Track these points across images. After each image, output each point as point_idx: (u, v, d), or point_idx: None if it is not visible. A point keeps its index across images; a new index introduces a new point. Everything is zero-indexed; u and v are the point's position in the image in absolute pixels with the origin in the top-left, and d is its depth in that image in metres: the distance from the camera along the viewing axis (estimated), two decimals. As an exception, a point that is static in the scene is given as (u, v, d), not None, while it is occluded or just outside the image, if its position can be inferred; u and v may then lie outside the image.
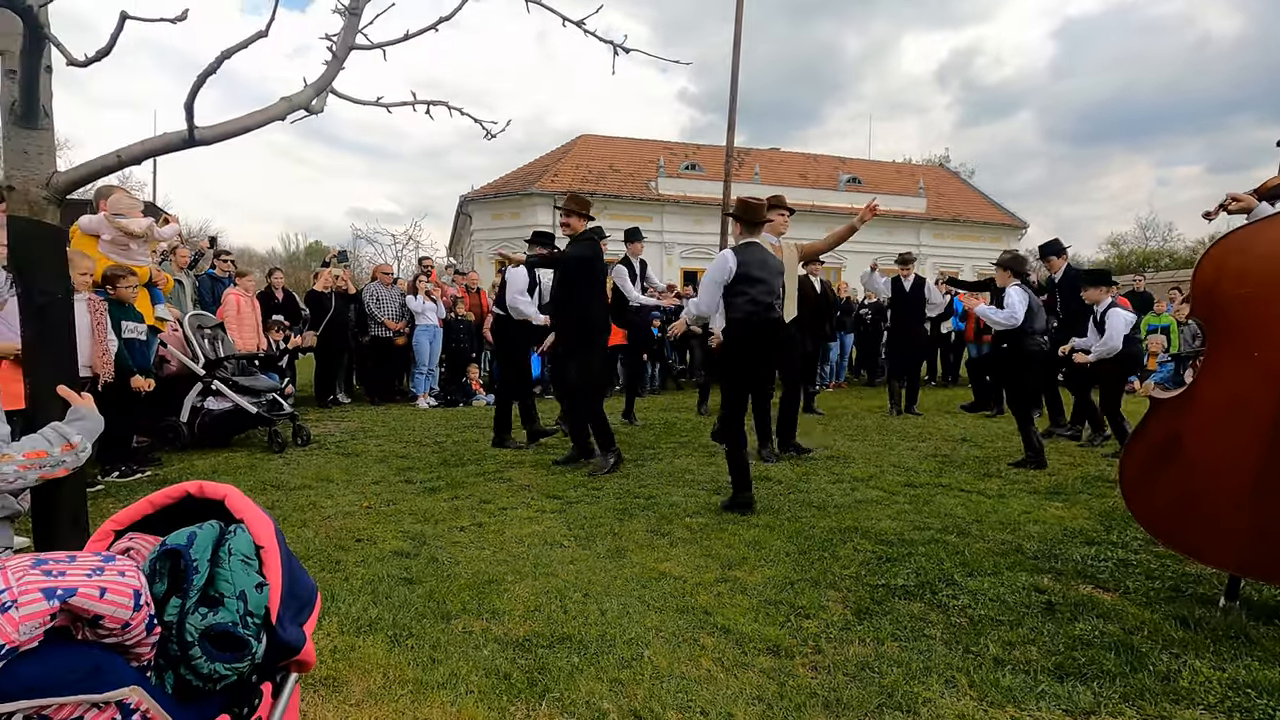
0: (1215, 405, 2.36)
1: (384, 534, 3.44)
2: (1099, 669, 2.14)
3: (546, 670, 2.11)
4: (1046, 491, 4.43)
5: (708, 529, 3.57)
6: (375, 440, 6.13)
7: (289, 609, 1.08)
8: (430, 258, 10.48)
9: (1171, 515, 2.50)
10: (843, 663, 2.19)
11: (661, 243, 22.24)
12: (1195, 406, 2.40)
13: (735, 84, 13.24)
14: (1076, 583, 2.85)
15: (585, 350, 5.00)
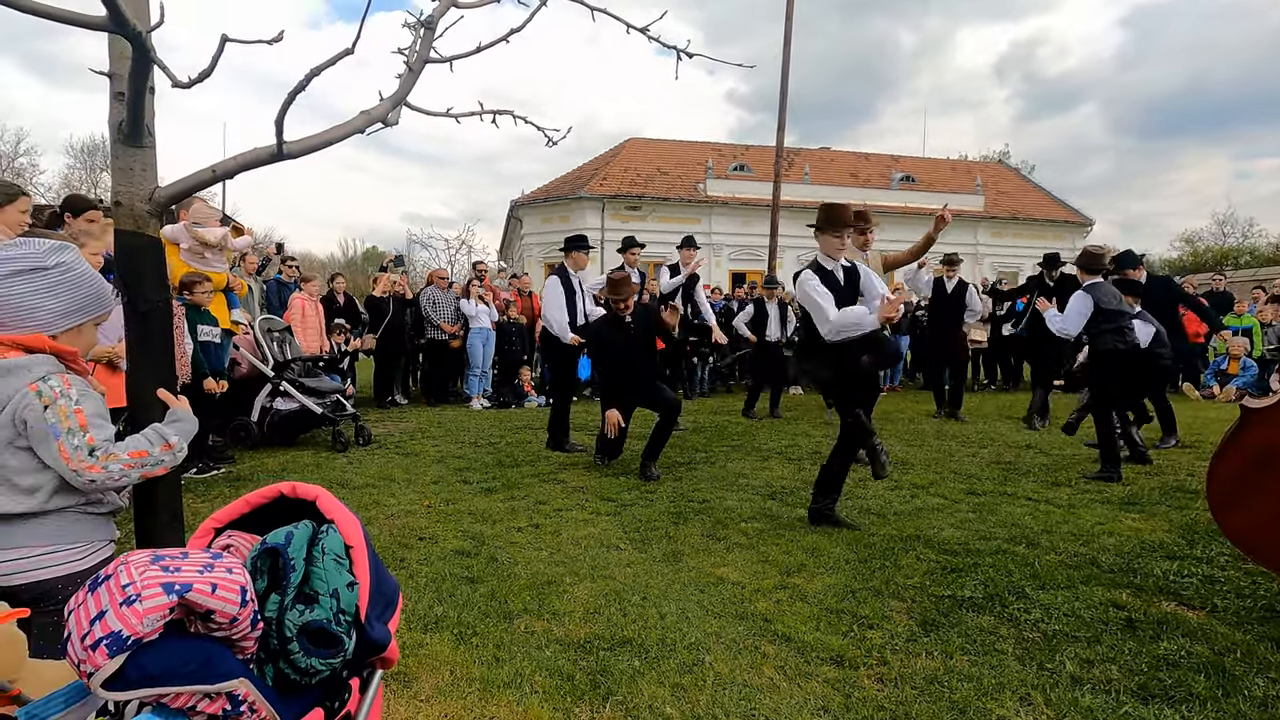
0: (1316, 414, 2.22)
1: (445, 533, 3.52)
2: (1187, 691, 2.03)
3: (608, 673, 2.12)
4: (1121, 502, 4.24)
5: (764, 534, 3.53)
6: (432, 441, 6.28)
7: (376, 607, 1.12)
8: (483, 261, 10.69)
9: (1267, 530, 2.36)
10: (910, 676, 2.13)
11: (710, 244, 22.15)
12: (1295, 415, 2.26)
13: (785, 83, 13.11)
14: (1158, 599, 2.72)
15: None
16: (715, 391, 10.70)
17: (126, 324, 1.56)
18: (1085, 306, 4.93)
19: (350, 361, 8.57)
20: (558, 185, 23.94)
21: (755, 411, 8.10)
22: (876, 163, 27.50)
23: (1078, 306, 4.95)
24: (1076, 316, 4.94)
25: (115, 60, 1.44)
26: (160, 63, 1.32)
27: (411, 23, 1.93)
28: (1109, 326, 4.91)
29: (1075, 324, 4.94)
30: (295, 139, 1.58)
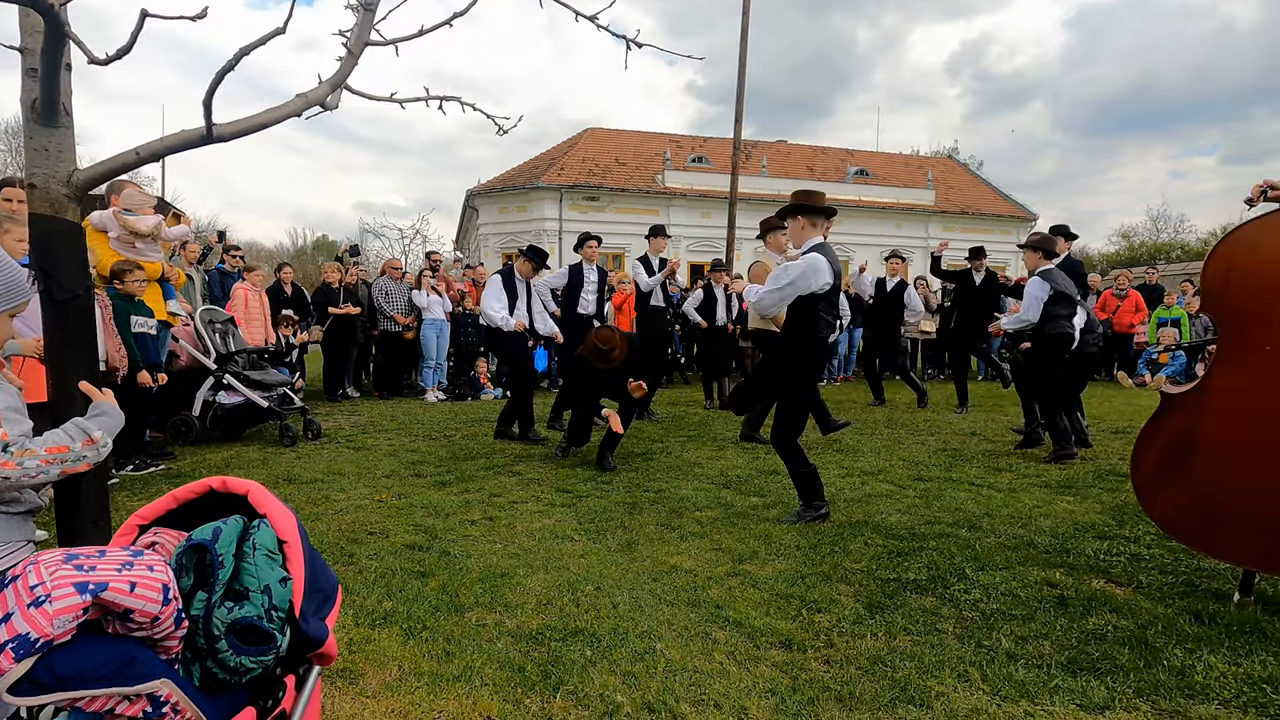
0: (1230, 400, 2.35)
1: (396, 527, 3.46)
2: (1113, 664, 2.13)
3: (560, 663, 2.12)
4: (1058, 485, 4.42)
5: (717, 522, 3.58)
6: (385, 434, 6.16)
7: (311, 602, 1.10)
8: (438, 252, 10.50)
9: (1187, 511, 2.49)
10: (855, 656, 2.19)
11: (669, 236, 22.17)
12: (1209, 402, 2.39)
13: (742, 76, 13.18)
14: (1089, 577, 2.85)
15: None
16: (673, 383, 10.75)
17: (44, 314, 1.48)
18: (1043, 291, 5.06)
19: (299, 354, 8.33)
20: (515, 174, 23.63)
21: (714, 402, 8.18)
22: (832, 156, 27.92)
23: (1036, 292, 5.08)
24: (1035, 303, 5.06)
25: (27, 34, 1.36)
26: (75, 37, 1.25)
27: (352, 4, 1.87)
28: (1063, 311, 5.05)
29: (1035, 310, 5.06)
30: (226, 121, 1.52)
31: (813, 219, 3.60)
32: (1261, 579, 2.63)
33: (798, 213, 3.61)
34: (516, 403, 5.93)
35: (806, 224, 3.61)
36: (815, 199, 3.63)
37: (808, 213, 3.59)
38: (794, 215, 3.63)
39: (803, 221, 3.61)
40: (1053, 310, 5.01)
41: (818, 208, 3.60)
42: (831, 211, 3.68)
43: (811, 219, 3.60)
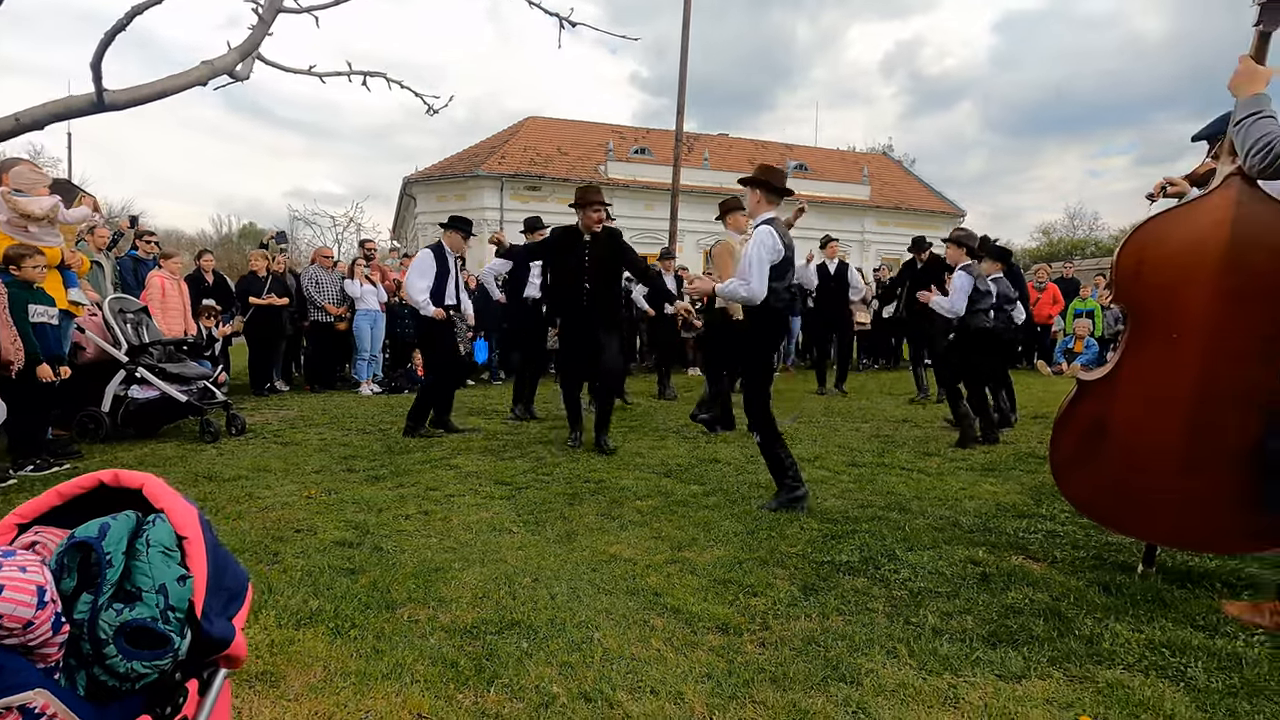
0: (1139, 387, 2.49)
1: (325, 524, 3.33)
2: (1029, 635, 2.24)
3: (495, 656, 2.08)
4: (982, 468, 4.62)
5: (657, 511, 3.58)
6: (316, 429, 5.93)
7: (216, 601, 1.03)
8: (372, 240, 10.15)
9: (1099, 492, 2.63)
10: (789, 638, 2.23)
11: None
12: (1119, 388, 2.52)
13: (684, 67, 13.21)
14: (1009, 554, 2.98)
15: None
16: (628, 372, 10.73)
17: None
18: (968, 284, 5.29)
19: (223, 346, 7.92)
20: (454, 162, 23.08)
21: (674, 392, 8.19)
22: (773, 150, 28.37)
23: (962, 284, 5.29)
24: (961, 294, 5.28)
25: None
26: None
27: (265, -32, 1.76)
28: (982, 306, 5.30)
29: (961, 301, 5.27)
30: (121, 88, 1.40)
31: (770, 195, 3.74)
32: (1162, 551, 2.81)
33: (758, 185, 3.74)
34: (432, 393, 5.74)
35: (763, 198, 3.74)
36: (776, 177, 3.77)
37: (766, 188, 3.73)
38: (754, 187, 3.76)
39: (759, 195, 3.74)
40: (974, 305, 5.24)
41: (776, 186, 3.73)
42: (789, 192, 3.82)
43: (769, 195, 3.74)
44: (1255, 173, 2.18)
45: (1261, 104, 2.20)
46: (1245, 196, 2.23)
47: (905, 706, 1.85)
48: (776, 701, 1.87)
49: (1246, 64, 2.27)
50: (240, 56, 1.57)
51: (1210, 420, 2.37)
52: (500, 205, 21.46)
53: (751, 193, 3.77)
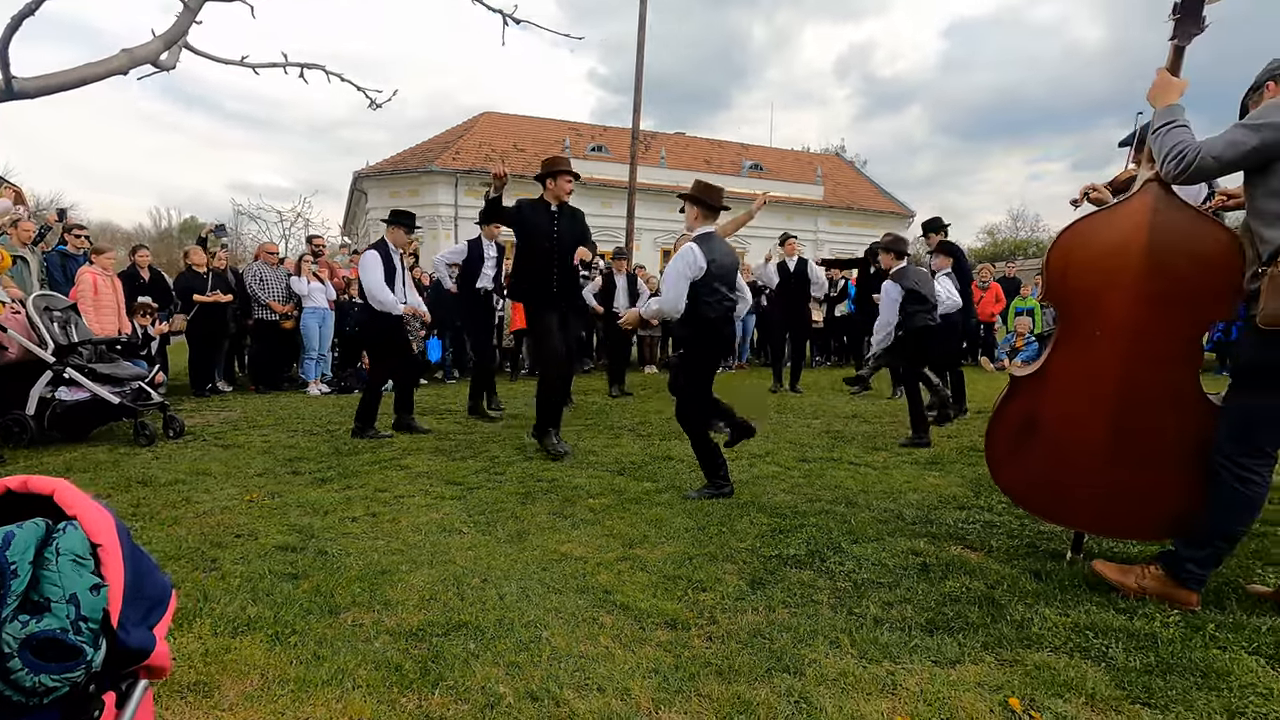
0: (1066, 382, 2.60)
1: (267, 528, 3.23)
2: (964, 621, 2.32)
3: (441, 658, 2.06)
4: (926, 462, 4.76)
5: (610, 509, 3.59)
6: (260, 430, 5.75)
7: (135, 610, 0.99)
8: (320, 236, 9.88)
9: (1031, 484, 2.74)
10: (736, 631, 2.26)
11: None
12: (1049, 384, 2.64)
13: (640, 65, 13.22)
14: (948, 544, 3.08)
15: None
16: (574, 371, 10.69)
17: None
18: (897, 293, 5.43)
19: (160, 345, 7.61)
20: (407, 157, 22.63)
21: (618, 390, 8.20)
22: (728, 150, 28.63)
23: (891, 294, 5.44)
24: (891, 304, 5.42)
25: None
26: None
27: (193, -46, 1.69)
28: (918, 307, 5.45)
29: (893, 312, 5.42)
30: (33, 75, 1.34)
31: (706, 211, 3.88)
32: (1089, 538, 2.95)
33: (695, 202, 3.89)
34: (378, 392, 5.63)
35: (700, 214, 3.89)
36: (712, 195, 3.90)
37: (703, 205, 3.87)
38: (692, 204, 3.91)
39: (697, 211, 3.89)
40: (910, 308, 5.40)
41: (710, 203, 3.87)
42: (724, 208, 3.97)
43: (705, 211, 3.88)
44: (1170, 179, 2.30)
45: (1176, 114, 2.33)
46: (1162, 202, 2.36)
47: (845, 695, 1.90)
48: (721, 694, 1.90)
49: (1163, 76, 2.40)
50: (164, 46, 1.51)
51: (1133, 417, 2.50)
52: (455, 201, 21.13)
53: (690, 208, 3.91)
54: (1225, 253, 2.29)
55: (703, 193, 3.89)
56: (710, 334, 3.86)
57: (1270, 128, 2.14)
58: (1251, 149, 2.16)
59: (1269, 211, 2.19)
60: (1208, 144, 2.22)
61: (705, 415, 3.95)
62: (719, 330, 3.87)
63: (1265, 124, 2.15)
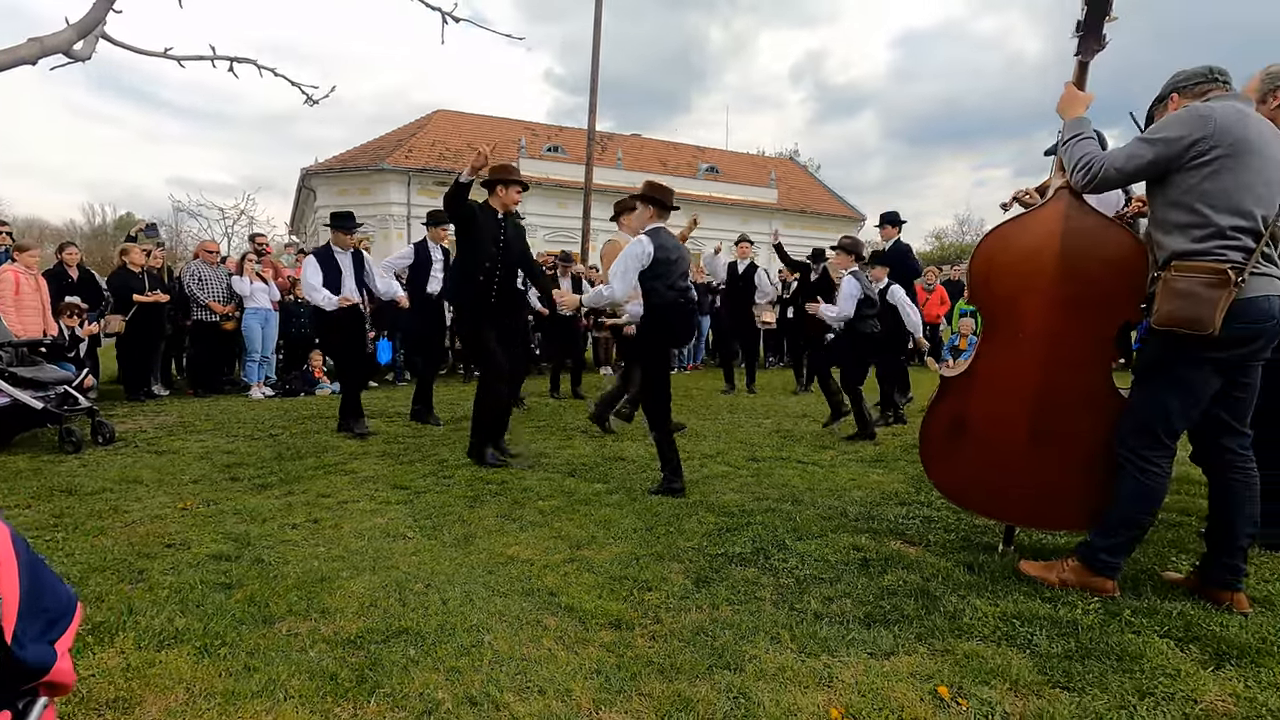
0: (991, 382, 2.71)
1: (201, 537, 3.12)
2: (900, 614, 2.39)
3: (378, 666, 2.02)
4: (871, 460, 4.88)
5: (559, 510, 3.58)
6: (197, 436, 5.54)
7: (33, 625, 0.94)
8: (264, 235, 9.58)
9: (963, 480, 2.84)
10: (680, 630, 2.28)
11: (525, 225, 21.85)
12: (976, 384, 2.74)
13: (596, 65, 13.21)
14: (889, 540, 3.17)
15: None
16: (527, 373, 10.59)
17: None
18: (856, 290, 5.56)
19: (90, 347, 7.26)
20: (358, 155, 22.11)
21: (561, 392, 8.18)
22: (684, 152, 28.83)
23: (850, 290, 5.55)
24: (850, 300, 5.53)
25: None
26: None
27: (110, -60, 1.63)
28: (869, 312, 5.60)
29: (851, 306, 5.53)
30: (-72, 62, 1.27)
31: (659, 210, 4.07)
32: (1020, 531, 3.07)
33: (649, 201, 4.09)
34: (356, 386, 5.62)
35: (653, 213, 4.08)
36: (664, 194, 4.10)
37: (656, 204, 4.07)
38: (645, 203, 4.11)
39: (651, 211, 4.08)
40: (860, 311, 5.53)
41: (663, 203, 4.06)
42: (674, 208, 4.14)
43: (658, 210, 4.07)
44: (1079, 188, 2.42)
45: (1083, 126, 2.45)
46: (1073, 209, 2.48)
47: (783, 689, 1.94)
48: (662, 692, 1.92)
49: (1070, 90, 2.52)
50: (78, 35, 1.45)
51: (1053, 414, 2.62)
52: (407, 200, 20.75)
53: (644, 208, 4.10)
54: (1131, 257, 2.42)
55: (655, 192, 4.08)
56: (659, 321, 3.99)
57: (1164, 142, 2.27)
58: (1148, 162, 2.29)
59: (1166, 220, 2.32)
60: (1111, 156, 2.35)
61: (667, 408, 4.06)
62: (667, 317, 4.00)
63: (1160, 138, 2.28)
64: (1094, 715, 1.80)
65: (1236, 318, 2.23)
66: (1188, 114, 2.27)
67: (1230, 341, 2.26)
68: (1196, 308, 2.21)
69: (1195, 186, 2.24)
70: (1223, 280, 2.19)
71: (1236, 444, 2.45)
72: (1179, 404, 2.37)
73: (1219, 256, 2.22)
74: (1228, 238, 2.22)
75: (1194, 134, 2.23)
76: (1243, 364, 2.35)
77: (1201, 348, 2.27)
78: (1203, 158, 2.22)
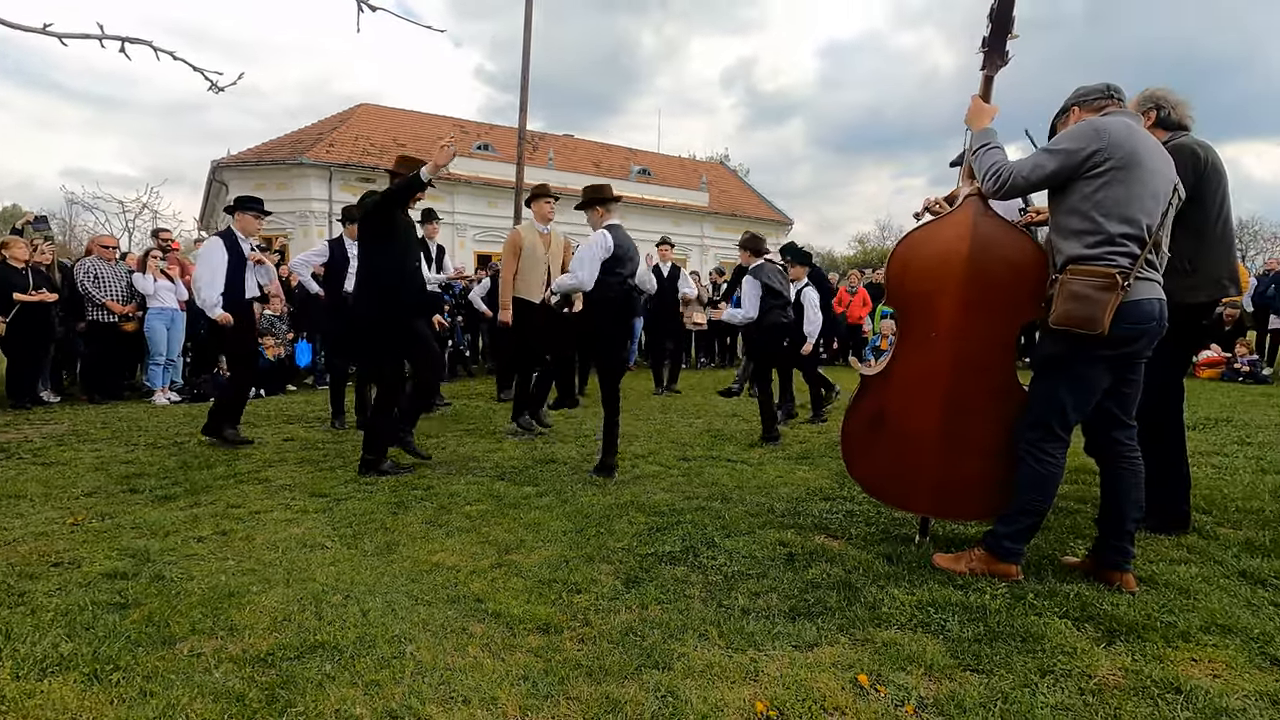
0: (907, 380, 2.83)
1: (93, 554, 2.89)
2: (823, 606, 2.46)
3: (291, 683, 1.92)
4: (798, 457, 5.01)
5: (487, 515, 3.51)
6: (91, 445, 5.14)
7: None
8: (169, 230, 8.99)
9: (881, 474, 2.96)
10: (609, 631, 2.27)
11: (454, 224, 21.39)
12: (893, 381, 2.86)
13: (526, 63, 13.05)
14: (814, 534, 3.25)
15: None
16: (457, 376, 10.36)
17: None
18: (756, 289, 5.67)
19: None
20: (275, 147, 21.06)
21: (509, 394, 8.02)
22: (617, 153, 28.86)
23: (750, 290, 5.68)
24: (752, 300, 5.66)
25: None
26: None
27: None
28: (776, 303, 5.72)
29: (753, 306, 5.66)
30: None
31: (606, 206, 4.47)
32: (935, 522, 3.21)
33: (596, 204, 4.46)
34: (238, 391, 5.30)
35: (603, 211, 4.47)
36: (605, 191, 4.52)
37: (602, 202, 4.47)
38: (593, 206, 4.47)
39: (600, 210, 4.47)
40: (767, 303, 5.67)
41: (608, 198, 4.49)
42: (616, 199, 4.54)
43: (606, 206, 4.47)
44: (989, 194, 2.57)
45: (990, 136, 2.60)
46: (980, 215, 2.62)
47: (711, 685, 1.96)
48: (590, 695, 1.90)
49: (977, 103, 2.67)
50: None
51: (961, 411, 2.75)
52: (329, 197, 19.89)
53: (592, 211, 4.47)
54: (1032, 261, 2.58)
55: (596, 192, 4.47)
56: (613, 313, 4.34)
57: (1065, 153, 2.43)
58: (1051, 171, 2.45)
59: (1065, 227, 2.49)
60: (1018, 165, 2.50)
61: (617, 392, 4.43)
62: (618, 309, 4.35)
63: (1061, 149, 2.44)
64: (1000, 695, 1.90)
65: (1124, 318, 2.40)
66: (1086, 127, 2.44)
67: (1119, 340, 2.43)
68: (1089, 309, 2.37)
69: (1090, 195, 2.41)
70: (1112, 284, 2.35)
71: (1124, 435, 2.64)
72: (1073, 399, 2.54)
73: (1109, 261, 2.39)
74: (1117, 244, 2.39)
75: (1091, 146, 2.39)
76: (1130, 361, 2.54)
77: (1094, 346, 2.44)
78: (1098, 169, 2.39)
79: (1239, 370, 9.83)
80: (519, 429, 5.72)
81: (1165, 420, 3.10)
